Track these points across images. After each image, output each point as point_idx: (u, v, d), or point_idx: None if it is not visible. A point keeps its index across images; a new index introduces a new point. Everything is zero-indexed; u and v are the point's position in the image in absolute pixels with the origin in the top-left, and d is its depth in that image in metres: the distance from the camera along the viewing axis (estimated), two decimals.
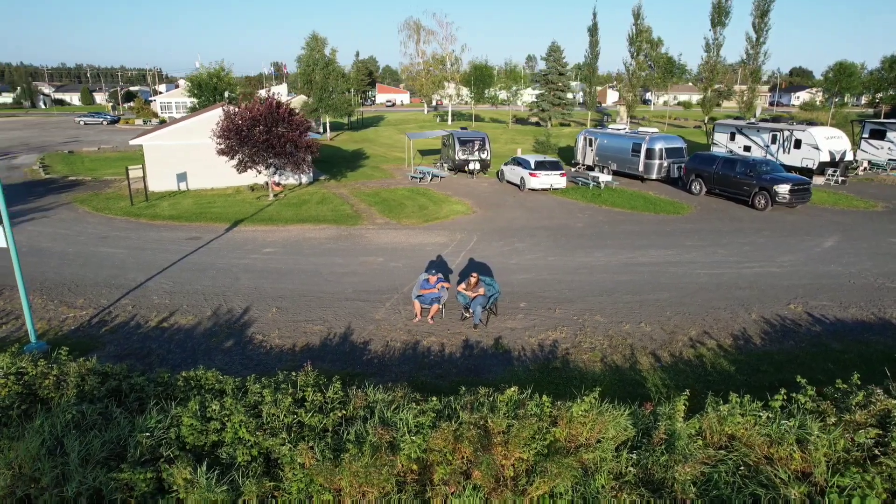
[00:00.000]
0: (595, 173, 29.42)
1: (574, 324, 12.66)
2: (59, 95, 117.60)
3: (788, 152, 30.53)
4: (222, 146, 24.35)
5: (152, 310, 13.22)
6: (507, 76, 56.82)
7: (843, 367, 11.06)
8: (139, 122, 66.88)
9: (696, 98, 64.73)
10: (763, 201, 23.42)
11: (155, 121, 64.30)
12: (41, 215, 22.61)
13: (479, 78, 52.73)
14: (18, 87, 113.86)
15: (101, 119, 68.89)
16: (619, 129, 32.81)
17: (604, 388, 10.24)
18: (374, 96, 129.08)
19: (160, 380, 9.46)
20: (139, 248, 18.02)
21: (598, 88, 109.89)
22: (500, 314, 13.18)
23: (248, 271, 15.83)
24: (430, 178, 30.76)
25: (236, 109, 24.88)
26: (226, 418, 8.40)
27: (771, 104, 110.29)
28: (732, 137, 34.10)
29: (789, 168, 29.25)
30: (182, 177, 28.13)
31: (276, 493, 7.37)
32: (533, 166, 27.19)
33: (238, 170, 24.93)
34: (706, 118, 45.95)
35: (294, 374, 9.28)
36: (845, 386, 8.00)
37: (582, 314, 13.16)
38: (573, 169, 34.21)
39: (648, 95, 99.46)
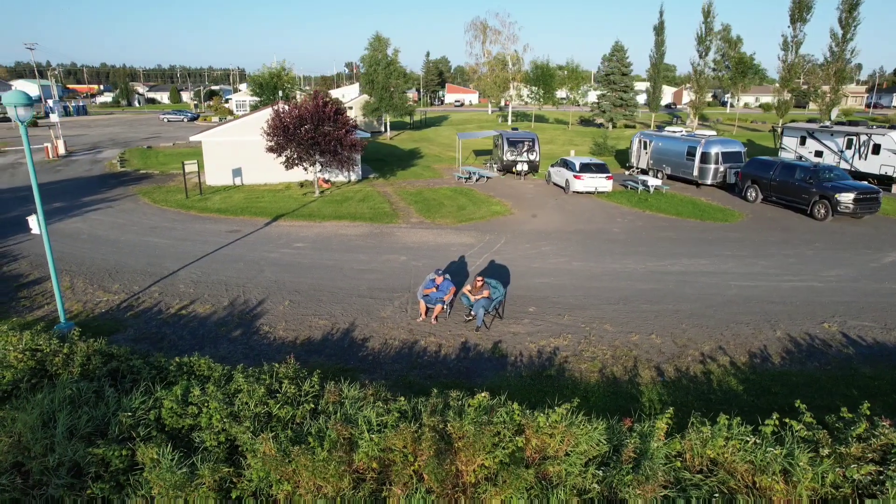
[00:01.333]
0: (644, 177, 28.34)
1: (580, 332, 12.29)
2: (151, 94, 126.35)
3: (865, 158, 28.17)
4: (271, 143, 25.34)
5: (176, 297, 13.99)
6: (569, 76, 55.64)
7: (869, 395, 10.16)
8: (215, 119, 70.65)
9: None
10: (823, 211, 21.75)
11: (230, 118, 67.75)
12: (107, 205, 24.40)
13: (540, 78, 51.96)
14: (118, 88, 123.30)
15: (182, 116, 73.35)
16: (675, 132, 31.43)
17: (593, 400, 9.94)
18: (443, 96, 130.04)
19: (156, 363, 9.95)
20: (182, 239, 19.11)
21: (674, 89, 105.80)
22: (506, 318, 12.99)
23: (273, 264, 16.42)
24: (475, 179, 30.69)
25: (286, 108, 25.82)
26: (204, 404, 8.71)
27: (868, 106, 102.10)
28: (803, 142, 31.85)
29: (865, 176, 27.01)
30: (237, 172, 29.50)
31: (236, 479, 7.59)
32: (578, 168, 26.55)
33: (286, 167, 25.87)
34: (780, 121, 43.12)
35: (277, 365, 9.48)
36: (851, 415, 7.35)
37: (591, 322, 12.75)
38: (627, 172, 33.11)
39: (728, 97, 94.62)
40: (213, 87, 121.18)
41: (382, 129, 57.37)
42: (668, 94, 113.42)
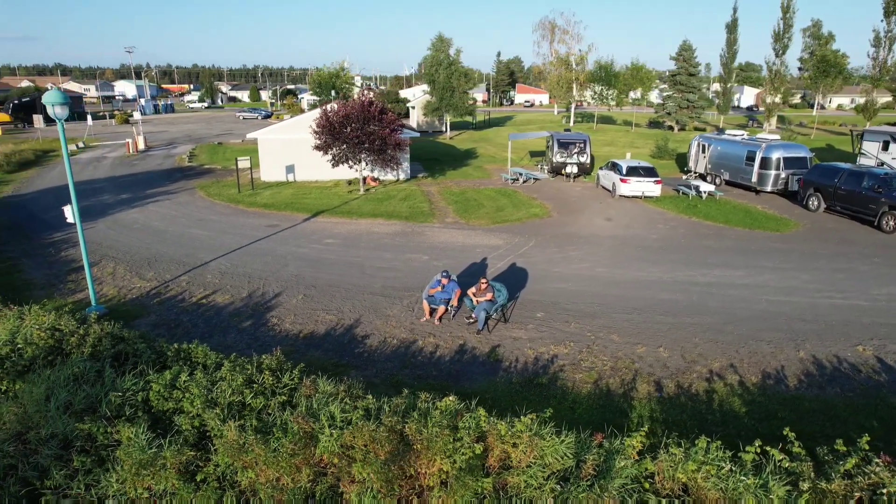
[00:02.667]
0: (697, 182, 26.97)
1: (584, 340, 11.92)
2: (232, 93, 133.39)
3: None
4: (318, 142, 26.14)
5: (201, 287, 14.74)
6: (633, 77, 53.68)
7: (891, 427, 9.26)
8: (287, 116, 73.63)
9: (882, 101, 56.25)
10: (893, 223, 19.91)
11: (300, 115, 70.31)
12: (165, 198, 26.03)
13: (604, 78, 50.45)
14: (204, 87, 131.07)
15: (257, 114, 76.90)
16: (735, 135, 29.69)
17: (579, 411, 9.64)
18: (513, 96, 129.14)
19: (158, 348, 10.55)
20: (222, 232, 20.09)
21: (757, 91, 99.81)
22: (512, 322, 12.80)
23: (299, 259, 16.96)
24: (522, 180, 30.33)
25: (334, 107, 26.55)
26: (187, 389, 9.14)
27: None
28: (886, 147, 29.23)
29: None
30: (290, 169, 30.63)
31: (203, 463, 7.93)
32: (624, 172, 25.66)
33: (332, 165, 26.61)
34: (867, 124, 39.76)
35: (265, 356, 9.80)
36: (845, 448, 6.81)
37: (598, 331, 12.33)
38: (684, 176, 31.66)
39: (818, 98, 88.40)
40: (290, 87, 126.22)
41: (443, 129, 57.71)
42: (749, 96, 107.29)
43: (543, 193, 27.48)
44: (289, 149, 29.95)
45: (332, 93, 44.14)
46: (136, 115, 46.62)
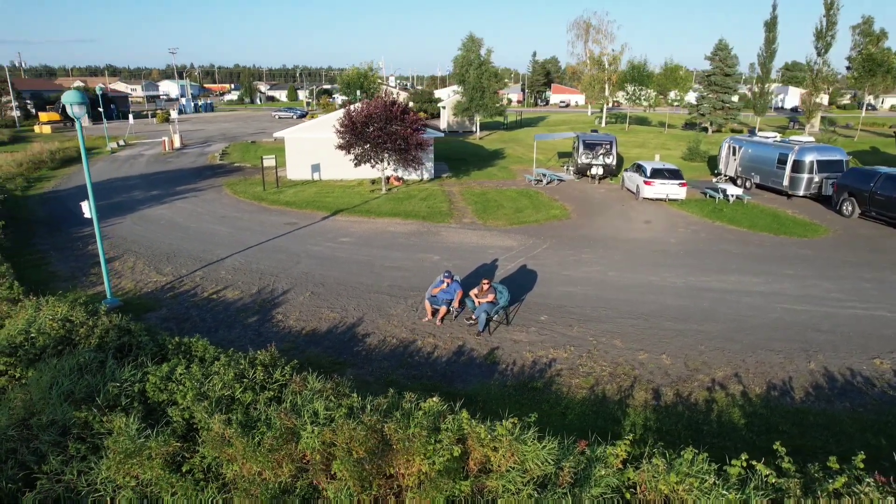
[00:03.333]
0: (724, 185, 26.19)
1: (585, 345, 11.73)
2: (271, 93, 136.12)
3: None
4: (341, 141, 26.44)
5: (213, 282, 15.10)
6: (667, 78, 52.39)
7: None
8: (321, 115, 74.68)
9: None
10: None
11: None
12: (193, 195, 26.76)
13: (636, 79, 49.41)
14: (244, 86, 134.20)
15: (292, 114, 78.22)
16: (767, 138, 28.73)
17: (570, 417, 9.50)
18: (548, 97, 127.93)
19: (160, 341, 10.85)
20: (242, 229, 20.53)
21: (803, 91, 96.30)
22: (514, 324, 12.69)
23: (312, 257, 17.19)
24: (546, 181, 30.04)
25: (358, 107, 26.81)
26: (181, 382, 9.37)
27: None
28: None
29: None
30: (315, 168, 31.07)
31: (189, 454, 8.12)
32: (648, 174, 25.13)
33: (354, 164, 26.87)
34: None
35: (260, 352, 9.97)
36: (837, 466, 6.58)
37: (601, 336, 12.12)
38: (714, 179, 30.82)
39: (870, 98, 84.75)
40: (326, 87, 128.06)
41: (474, 129, 57.60)
42: (795, 96, 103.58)
43: (566, 195, 27.15)
44: (314, 148, 30.37)
45: (358, 92, 44.48)
46: (173, 114, 48.05)
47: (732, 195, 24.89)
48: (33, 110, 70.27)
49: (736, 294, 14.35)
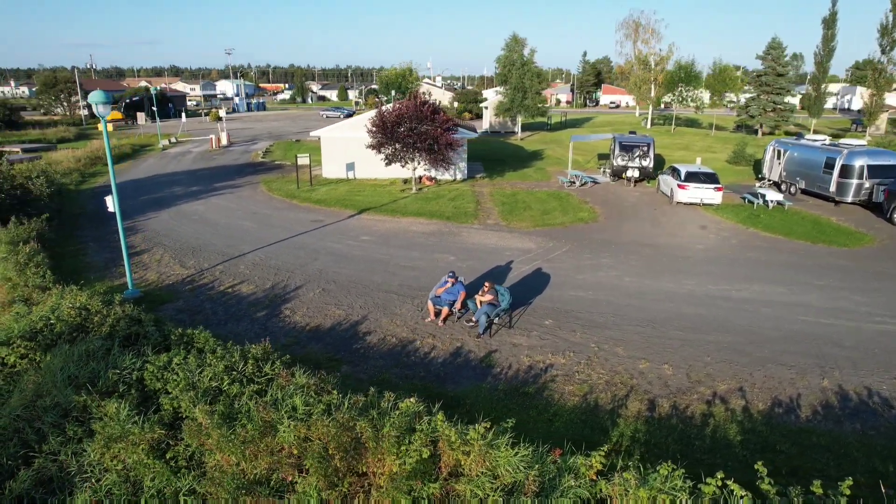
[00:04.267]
0: (764, 190, 25.01)
1: (586, 351, 11.48)
2: (322, 92, 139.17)
3: None
4: (372, 141, 26.77)
5: (231, 277, 15.57)
6: (716, 78, 50.33)
7: None
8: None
9: None
10: None
11: None
12: (230, 191, 27.67)
13: (683, 79, 47.70)
14: (296, 86, 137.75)
15: (339, 113, 79.65)
16: (815, 140, 27.26)
17: (556, 424, 9.30)
18: (598, 97, 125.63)
19: (165, 332, 11.28)
20: (269, 225, 21.09)
21: (866, 92, 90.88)
22: (517, 328, 12.54)
23: (329, 254, 17.49)
24: (579, 183, 29.52)
25: (389, 107, 27.08)
26: (175, 372, 9.71)
27: None
28: None
29: None
30: (350, 167, 31.55)
31: (174, 442, 8.41)
32: (683, 177, 24.30)
33: (385, 163, 27.16)
34: None
35: (254, 346, 10.23)
36: (821, 491, 6.34)
37: (604, 342, 11.82)
38: (757, 184, 29.51)
39: None
40: (374, 86, 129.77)
41: (516, 130, 57.18)
42: (862, 97, 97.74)
43: (597, 197, 26.60)
44: (349, 147, 30.81)
45: (392, 92, 44.89)
46: (221, 113, 49.87)
47: (772, 201, 23.76)
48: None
49: (755, 304, 13.71)
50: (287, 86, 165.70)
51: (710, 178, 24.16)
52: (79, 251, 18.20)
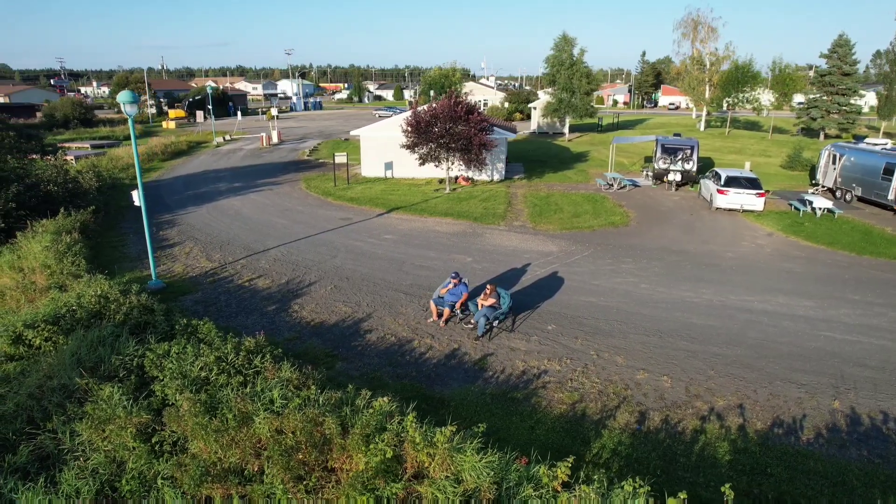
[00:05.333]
0: (811, 196, 23.57)
1: (584, 359, 11.21)
2: (378, 92, 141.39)
3: None
4: (406, 141, 26.99)
5: (251, 271, 16.09)
6: (776, 78, 47.61)
7: None
8: None
9: None
10: None
11: None
12: (269, 188, 28.56)
13: (740, 80, 45.37)
14: (354, 86, 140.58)
15: (392, 112, 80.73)
16: (875, 145, 25.47)
17: (538, 432, 9.12)
18: (657, 98, 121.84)
19: (172, 321, 11.78)
20: (298, 222, 21.64)
21: None
22: (519, 332, 12.38)
23: (349, 252, 17.77)
24: (617, 186, 28.77)
25: (424, 108, 27.23)
26: (172, 361, 10.14)
27: None
28: None
29: None
30: (389, 165, 31.91)
31: (159, 426, 8.80)
32: (723, 182, 23.26)
33: (419, 163, 27.34)
34: None
35: (246, 339, 10.56)
36: None
37: (604, 351, 11.50)
38: (811, 190, 27.89)
39: None
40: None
41: (565, 131, 56.27)
42: None
43: (634, 201, 25.85)
44: (388, 146, 31.15)
45: (431, 93, 45.02)
46: (273, 112, 51.56)
47: (821, 208, 22.39)
48: (165, 108, 78.30)
49: (777, 317, 12.98)
50: (346, 85, 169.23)
51: (751, 184, 23.02)
52: (118, 242, 19.25)
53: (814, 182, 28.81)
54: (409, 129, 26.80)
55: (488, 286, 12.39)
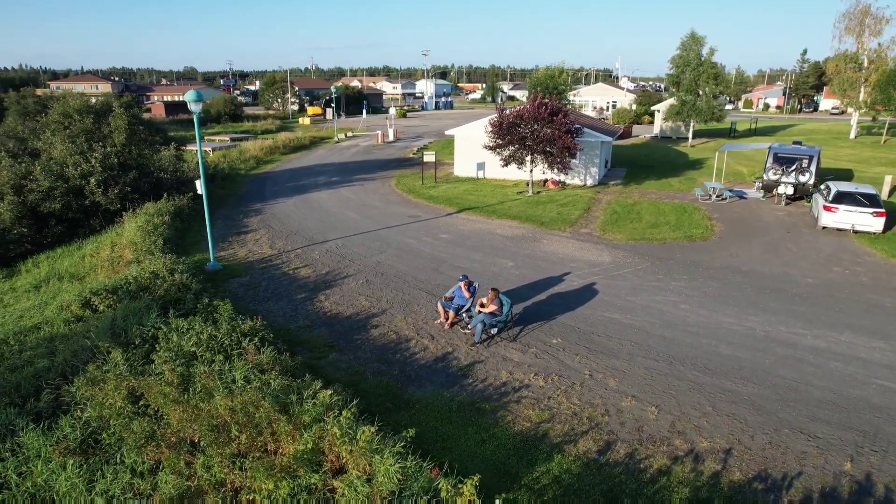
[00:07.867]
0: None
1: (573, 378, 10.60)
2: (512, 92, 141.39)
3: None
4: (490, 142, 26.93)
5: (301, 260, 17.17)
6: None
7: None
8: None
9: None
10: None
11: None
12: (361, 183, 30.05)
13: (892, 81, 38.55)
14: (488, 85, 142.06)
15: None
16: None
17: (485, 449, 8.82)
18: (818, 101, 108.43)
19: (198, 299, 12.99)
20: (368, 217, 22.58)
21: None
22: (520, 342, 12.00)
23: (397, 248, 18.24)
24: (715, 196, 26.30)
25: (509, 110, 26.98)
26: (180, 335, 11.27)
27: None
28: None
29: None
30: (481, 166, 31.96)
31: (145, 391, 9.86)
32: (831, 197, 20.29)
33: (502, 164, 27.16)
34: None
35: (245, 322, 11.45)
36: None
37: (599, 372, 10.76)
38: None
39: None
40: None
41: (688, 136, 52.40)
42: None
43: (729, 214, 23.49)
44: (480, 146, 31.29)
45: (527, 93, 43.92)
46: (391, 111, 53.89)
47: None
48: (307, 105, 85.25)
49: (826, 356, 11.17)
50: (483, 86, 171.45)
51: (869, 200, 19.81)
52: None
53: None
54: (493, 129, 26.70)
55: (491, 292, 12.12)
